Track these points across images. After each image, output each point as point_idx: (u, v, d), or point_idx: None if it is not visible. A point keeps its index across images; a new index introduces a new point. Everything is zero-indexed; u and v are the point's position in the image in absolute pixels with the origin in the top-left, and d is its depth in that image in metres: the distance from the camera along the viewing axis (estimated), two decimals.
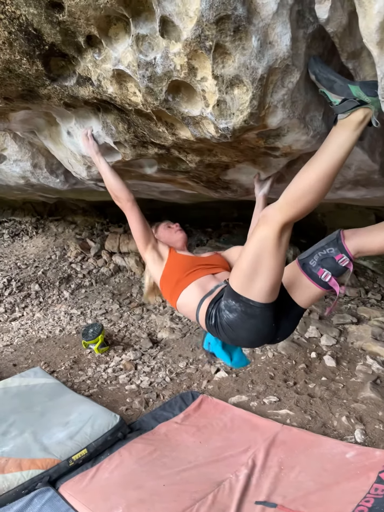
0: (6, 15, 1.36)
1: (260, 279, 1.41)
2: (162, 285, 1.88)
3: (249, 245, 1.42)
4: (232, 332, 1.56)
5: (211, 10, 1.01)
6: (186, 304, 1.76)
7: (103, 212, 8.38)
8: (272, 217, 1.33)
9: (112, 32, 1.31)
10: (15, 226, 8.90)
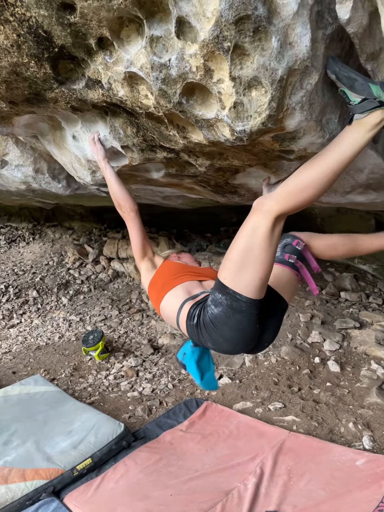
0: (15, 17, 1.34)
1: (249, 271, 1.36)
2: (150, 290, 1.84)
3: (240, 234, 1.36)
4: (215, 330, 1.47)
5: (231, 10, 0.99)
6: (168, 306, 1.70)
7: (101, 218, 8.34)
8: (267, 207, 1.29)
9: (124, 34, 1.29)
10: (12, 232, 8.85)
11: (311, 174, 1.25)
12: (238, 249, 1.36)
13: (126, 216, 1.84)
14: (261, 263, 1.34)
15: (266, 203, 1.29)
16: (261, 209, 1.29)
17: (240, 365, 3.66)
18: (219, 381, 3.45)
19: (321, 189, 1.25)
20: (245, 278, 1.37)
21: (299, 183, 1.27)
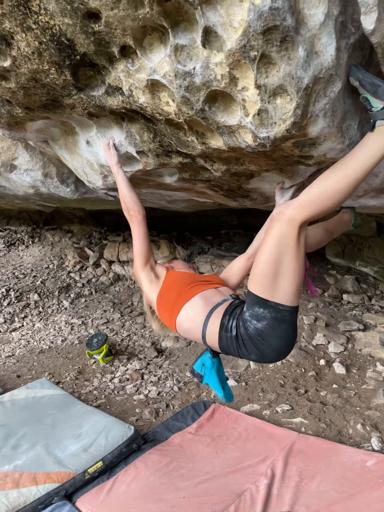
0: (38, 25, 1.36)
1: (284, 280, 1.39)
2: (160, 303, 1.74)
3: (267, 245, 1.38)
4: (263, 342, 1.48)
5: (259, 20, 1.01)
6: (189, 318, 1.62)
7: (100, 221, 8.35)
8: (291, 215, 1.32)
9: (146, 42, 1.31)
10: (11, 235, 8.83)
11: (334, 183, 1.28)
12: (269, 261, 1.38)
13: (133, 219, 1.81)
14: (294, 269, 1.37)
15: (289, 212, 1.32)
16: (284, 218, 1.32)
17: (245, 368, 3.68)
18: None
19: (344, 196, 1.29)
20: (284, 288, 1.40)
21: (323, 192, 1.30)
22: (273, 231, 1.36)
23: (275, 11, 0.99)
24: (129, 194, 1.79)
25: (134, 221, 1.81)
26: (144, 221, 1.82)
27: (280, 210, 1.35)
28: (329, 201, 1.30)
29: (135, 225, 1.82)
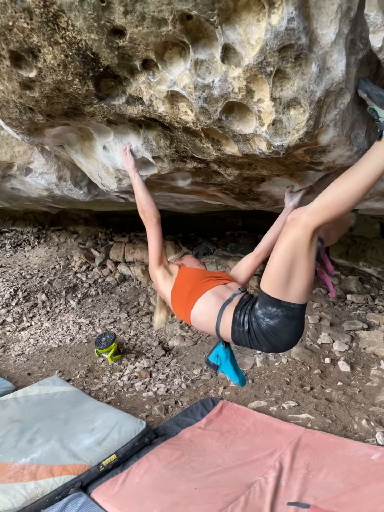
0: (65, 40, 1.45)
1: (296, 281, 1.49)
2: (174, 297, 1.87)
3: (281, 249, 1.48)
4: (275, 337, 1.61)
5: (276, 39, 1.10)
6: (203, 312, 1.75)
7: (106, 222, 8.44)
8: (305, 221, 1.42)
9: (167, 56, 1.40)
10: (17, 236, 8.93)
11: (346, 190, 1.37)
12: (282, 263, 1.48)
13: (149, 222, 1.92)
14: (306, 271, 1.48)
15: (303, 217, 1.42)
16: (298, 224, 1.42)
17: (251, 366, 3.76)
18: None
19: (355, 202, 1.39)
20: (296, 288, 1.51)
21: (335, 199, 1.39)
22: (288, 235, 1.46)
23: (290, 31, 1.08)
24: (145, 198, 1.89)
25: (149, 224, 1.91)
26: (159, 223, 1.92)
27: (295, 216, 1.45)
28: (341, 207, 1.39)
29: (150, 227, 1.92)
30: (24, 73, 1.66)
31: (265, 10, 1.10)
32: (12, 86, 1.77)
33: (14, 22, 1.47)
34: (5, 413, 3.04)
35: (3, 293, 6.14)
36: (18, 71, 1.66)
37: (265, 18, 1.10)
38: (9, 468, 2.48)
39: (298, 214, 1.44)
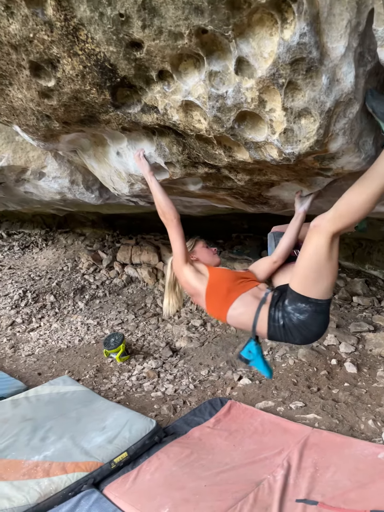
0: (84, 51, 1.51)
1: (323, 280, 1.69)
2: (209, 296, 1.99)
3: (306, 254, 1.67)
4: (306, 329, 1.81)
5: (288, 53, 1.16)
6: (242, 312, 1.92)
7: (112, 224, 8.52)
8: (325, 227, 1.58)
9: (182, 67, 1.46)
10: (25, 238, 9.02)
11: (359, 197, 1.49)
12: (309, 266, 1.69)
13: (170, 223, 1.99)
14: (330, 271, 1.68)
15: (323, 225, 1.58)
16: (320, 230, 1.59)
17: None
18: (239, 382, 3.61)
19: (369, 208, 1.50)
20: (321, 286, 1.72)
21: (351, 207, 1.52)
22: (311, 241, 1.64)
23: (302, 45, 1.13)
24: (164, 200, 1.95)
25: (170, 225, 1.99)
26: (179, 223, 2.01)
27: (316, 223, 1.61)
28: (356, 213, 1.52)
29: (171, 229, 1.99)
30: (43, 83, 1.73)
31: (278, 25, 1.15)
32: (30, 95, 1.84)
33: (35, 34, 1.53)
34: (18, 412, 3.10)
35: (12, 294, 6.23)
36: (37, 80, 1.73)
37: (278, 32, 1.16)
38: (22, 465, 2.54)
39: (319, 221, 1.60)
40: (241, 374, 3.72)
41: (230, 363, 4.01)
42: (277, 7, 1.12)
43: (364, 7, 1.15)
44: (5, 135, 2.72)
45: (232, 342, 4.47)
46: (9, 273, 7.14)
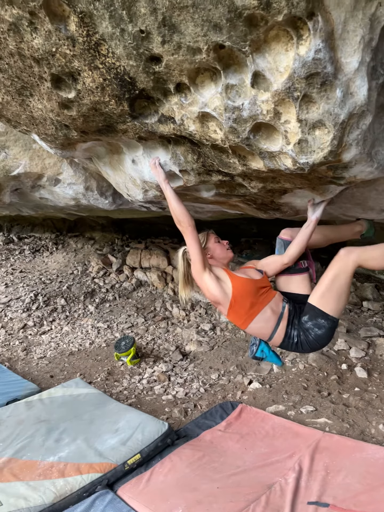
0: (105, 65, 1.58)
1: (341, 301, 2.02)
2: (233, 308, 2.14)
3: (332, 276, 1.98)
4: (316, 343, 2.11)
5: (303, 68, 1.21)
6: (262, 326, 2.14)
7: (121, 228, 8.60)
8: (353, 259, 1.92)
9: (199, 80, 1.51)
10: (36, 242, 9.12)
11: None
12: (333, 288, 1.99)
13: (185, 230, 2.05)
14: (346, 294, 2.01)
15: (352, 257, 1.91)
16: (349, 259, 1.91)
17: (268, 371, 3.83)
18: (249, 386, 3.63)
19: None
20: (339, 306, 2.03)
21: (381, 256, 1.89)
22: (339, 266, 1.95)
23: (317, 61, 1.18)
24: (179, 208, 2.02)
25: (186, 232, 2.06)
26: (195, 229, 2.10)
27: (347, 252, 1.93)
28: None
29: (187, 235, 2.07)
30: (63, 94, 1.80)
31: (293, 41, 1.20)
32: (50, 105, 1.90)
33: (57, 49, 1.60)
34: (32, 413, 3.16)
35: (24, 297, 6.31)
36: (58, 92, 1.80)
37: (293, 48, 1.21)
38: (38, 466, 2.59)
39: (350, 252, 1.92)
40: (251, 378, 3.75)
41: (240, 367, 4.04)
42: (293, 24, 1.17)
43: (377, 23, 1.20)
44: (23, 143, 2.80)
45: (241, 346, 4.50)
46: (20, 276, 7.24)
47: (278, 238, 2.40)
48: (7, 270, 7.50)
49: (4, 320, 5.72)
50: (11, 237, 9.25)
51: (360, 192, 1.93)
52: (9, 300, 6.25)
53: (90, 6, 1.38)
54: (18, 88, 1.92)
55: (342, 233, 2.48)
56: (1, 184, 3.12)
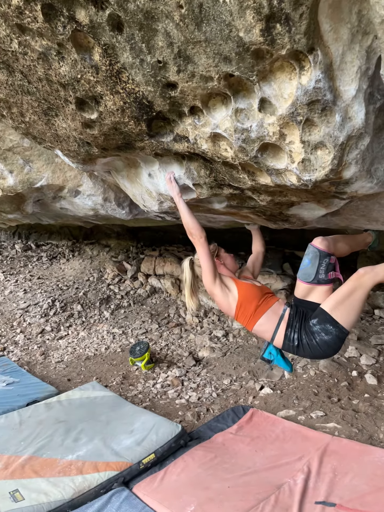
0: (125, 90, 1.72)
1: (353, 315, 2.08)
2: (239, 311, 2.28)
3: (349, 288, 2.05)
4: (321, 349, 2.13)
5: (305, 95, 1.33)
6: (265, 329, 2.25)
7: (136, 236, 8.77)
8: (371, 278, 2.01)
9: (211, 103, 1.65)
10: (53, 249, 9.34)
11: None
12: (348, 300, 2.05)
13: (197, 241, 2.19)
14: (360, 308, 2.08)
15: (370, 276, 2.00)
16: (367, 279, 2.01)
17: (279, 377, 3.92)
18: (261, 391, 3.72)
19: None
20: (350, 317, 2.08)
21: None
22: (358, 282, 2.02)
23: (317, 89, 1.30)
24: (191, 221, 2.16)
25: (197, 243, 2.20)
26: (206, 240, 2.24)
27: (366, 271, 2.02)
28: None
29: (199, 246, 2.22)
30: (86, 115, 1.95)
31: (296, 71, 1.33)
32: (74, 125, 2.06)
33: (82, 75, 1.76)
34: (51, 414, 3.30)
35: (42, 303, 6.50)
36: (81, 113, 1.95)
37: (296, 78, 1.33)
38: (57, 463, 2.72)
39: (369, 271, 2.02)
40: (262, 384, 3.83)
41: (252, 373, 4.13)
42: (296, 57, 1.29)
43: (373, 54, 1.32)
44: (46, 157, 2.98)
45: (253, 352, 4.58)
46: (38, 282, 7.45)
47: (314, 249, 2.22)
48: (25, 277, 7.72)
49: (23, 325, 5.92)
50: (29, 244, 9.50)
51: (364, 204, 2.04)
52: (27, 306, 6.44)
53: (113, 39, 1.53)
54: (45, 109, 2.08)
55: (358, 242, 2.56)
56: (24, 195, 3.30)
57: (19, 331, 5.74)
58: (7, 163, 2.98)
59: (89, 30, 1.51)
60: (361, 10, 1.20)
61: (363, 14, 1.21)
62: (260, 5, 1.16)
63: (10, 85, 2.00)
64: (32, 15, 1.54)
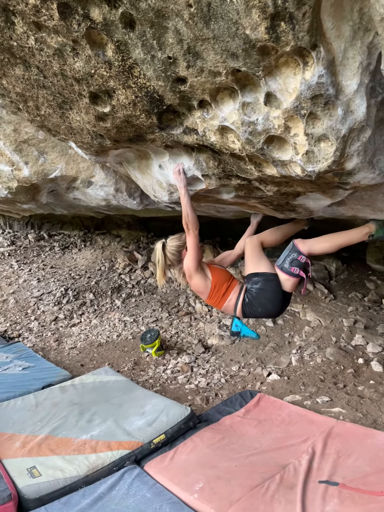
0: (137, 85, 1.80)
1: (262, 261, 2.64)
2: (213, 293, 2.68)
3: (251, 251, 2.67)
4: (261, 295, 2.54)
5: (309, 90, 1.39)
6: (231, 304, 2.68)
7: (147, 226, 8.86)
8: (256, 239, 2.73)
9: (219, 97, 1.71)
10: (65, 239, 9.47)
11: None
12: (253, 256, 2.72)
13: (191, 233, 2.41)
14: (262, 256, 2.73)
15: (254, 238, 2.76)
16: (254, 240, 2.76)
17: (287, 364, 4.00)
18: (268, 377, 3.81)
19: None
20: (262, 264, 2.61)
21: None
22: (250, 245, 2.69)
23: (320, 84, 1.36)
24: (191, 214, 2.33)
25: (191, 235, 2.44)
26: (198, 234, 2.49)
27: (250, 238, 2.74)
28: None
29: (192, 237, 2.47)
30: (99, 109, 2.03)
31: (300, 67, 1.39)
32: (88, 118, 2.14)
33: (95, 71, 1.83)
34: (66, 397, 3.44)
35: (55, 292, 6.65)
36: (94, 107, 2.03)
37: (300, 73, 1.40)
38: (72, 442, 2.86)
39: (253, 237, 2.72)
40: (270, 371, 3.92)
41: (260, 360, 4.22)
42: (300, 53, 1.35)
43: (374, 49, 1.37)
44: (60, 149, 3.06)
45: (262, 341, 4.67)
46: (51, 272, 7.59)
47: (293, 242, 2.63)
48: (38, 266, 7.88)
49: (37, 313, 6.07)
50: (42, 234, 9.64)
51: (368, 195, 2.09)
52: (41, 294, 6.60)
53: (125, 36, 1.60)
54: (59, 102, 2.17)
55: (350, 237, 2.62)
56: (39, 186, 3.40)
57: (33, 319, 5.90)
58: (23, 155, 3.08)
59: (102, 28, 1.58)
60: (362, 8, 1.26)
61: (364, 12, 1.26)
62: (265, 4, 1.22)
63: (26, 79, 2.08)
64: (48, 13, 1.61)
